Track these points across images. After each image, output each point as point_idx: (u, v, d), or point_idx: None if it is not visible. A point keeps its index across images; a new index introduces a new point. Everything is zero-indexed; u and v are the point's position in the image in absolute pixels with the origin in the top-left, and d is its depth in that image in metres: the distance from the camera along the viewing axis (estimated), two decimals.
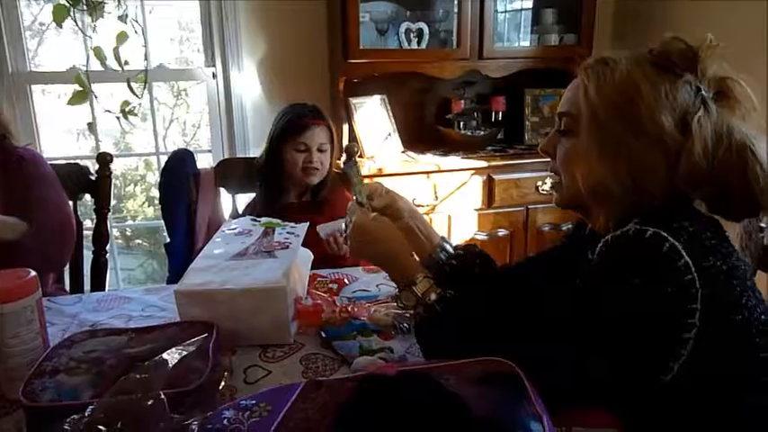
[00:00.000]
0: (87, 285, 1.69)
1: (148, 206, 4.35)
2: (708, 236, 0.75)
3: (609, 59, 0.83)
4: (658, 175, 0.79)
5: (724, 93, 0.80)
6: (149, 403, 0.69)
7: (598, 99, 0.81)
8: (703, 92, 0.78)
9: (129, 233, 4.45)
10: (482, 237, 2.44)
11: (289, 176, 1.73)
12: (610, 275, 0.74)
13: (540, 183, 2.43)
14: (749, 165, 0.75)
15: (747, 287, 0.76)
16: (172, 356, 0.84)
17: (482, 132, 2.64)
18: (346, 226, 1.04)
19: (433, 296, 0.89)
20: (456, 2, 2.43)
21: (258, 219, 1.30)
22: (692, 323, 0.70)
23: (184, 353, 0.85)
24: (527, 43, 2.65)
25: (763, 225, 1.18)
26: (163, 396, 0.70)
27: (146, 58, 2.26)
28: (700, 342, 0.70)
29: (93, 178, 1.67)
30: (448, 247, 1.13)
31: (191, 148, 2.07)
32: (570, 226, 1.11)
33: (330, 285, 1.28)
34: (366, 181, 1.11)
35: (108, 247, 1.70)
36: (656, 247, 0.70)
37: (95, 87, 2.23)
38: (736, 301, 0.74)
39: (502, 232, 2.48)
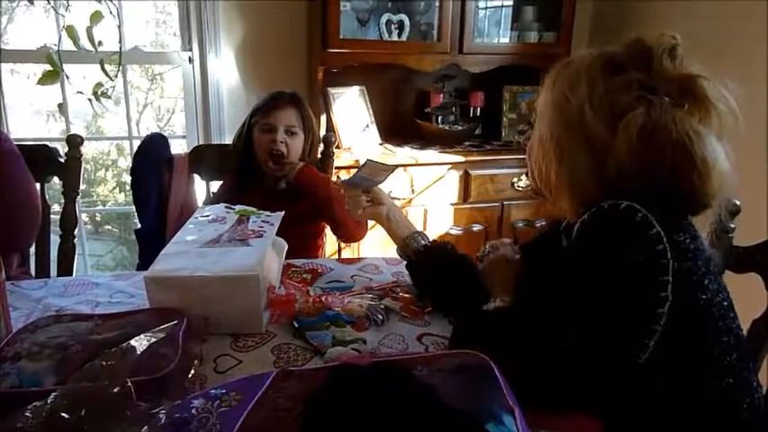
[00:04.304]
0: (54, 271, 1.64)
1: (119, 192, 4.27)
2: (679, 214, 0.79)
3: (571, 61, 0.87)
4: (587, 173, 0.82)
5: (689, 92, 0.79)
6: (115, 391, 0.68)
7: (545, 98, 0.88)
8: (655, 91, 0.78)
9: (98, 219, 4.36)
10: (457, 231, 2.45)
11: (259, 162, 1.68)
12: (584, 247, 0.77)
13: (515, 179, 2.45)
14: (685, 161, 0.76)
15: (710, 271, 0.79)
16: (140, 343, 0.82)
17: (460, 127, 2.64)
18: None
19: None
20: None
21: (232, 206, 1.28)
22: (664, 296, 0.71)
23: (153, 340, 0.83)
24: (507, 40, 2.66)
25: (732, 225, 1.20)
26: (129, 384, 0.69)
27: (120, 40, 2.20)
28: (672, 317, 0.72)
29: (62, 160, 1.62)
30: (421, 239, 1.18)
31: (165, 134, 2.02)
32: (544, 222, 1.15)
33: (304, 275, 1.27)
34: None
35: (76, 232, 1.65)
36: (628, 217, 0.73)
37: (67, 68, 2.17)
38: (701, 281, 0.77)
39: (476, 227, 2.49)
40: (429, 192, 2.39)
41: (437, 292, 1.12)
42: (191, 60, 2.47)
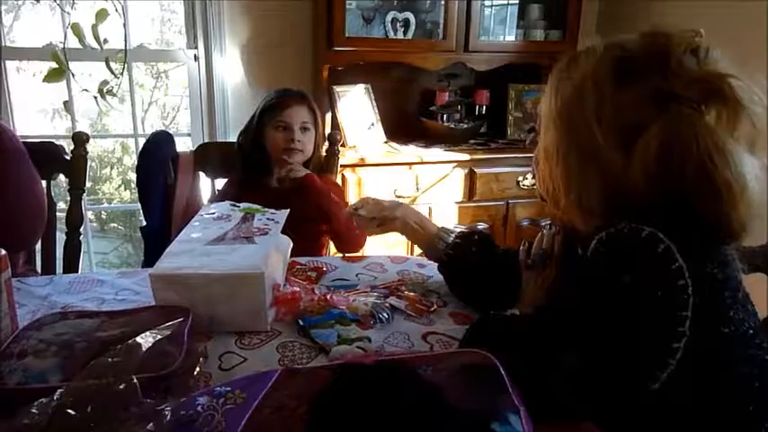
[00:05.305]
0: (60, 268, 1.65)
1: (125, 189, 4.28)
2: (706, 240, 0.72)
3: (574, 60, 0.79)
4: (599, 193, 0.76)
5: (714, 94, 0.72)
6: (121, 388, 0.68)
7: (549, 106, 0.81)
8: (674, 97, 0.71)
9: (104, 216, 4.38)
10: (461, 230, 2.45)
11: (271, 159, 1.69)
12: (601, 274, 0.72)
13: (520, 178, 2.44)
14: (706, 185, 0.70)
15: (738, 300, 0.74)
16: (145, 341, 0.82)
17: (465, 125, 2.63)
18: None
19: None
20: None
21: (237, 204, 1.28)
22: (681, 332, 0.67)
23: (158, 337, 0.83)
24: (512, 38, 2.65)
25: None
26: (135, 381, 0.69)
27: (125, 38, 2.20)
28: (688, 352, 0.67)
29: (67, 158, 1.63)
30: (445, 236, 1.19)
31: (170, 131, 2.02)
32: (549, 222, 1.13)
33: (309, 273, 1.27)
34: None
35: (82, 230, 1.66)
36: (650, 248, 0.67)
37: (72, 66, 2.17)
38: (725, 313, 0.72)
39: (481, 226, 2.48)
40: (434, 190, 2.39)
41: (470, 296, 1.13)
42: (196, 58, 2.47)
